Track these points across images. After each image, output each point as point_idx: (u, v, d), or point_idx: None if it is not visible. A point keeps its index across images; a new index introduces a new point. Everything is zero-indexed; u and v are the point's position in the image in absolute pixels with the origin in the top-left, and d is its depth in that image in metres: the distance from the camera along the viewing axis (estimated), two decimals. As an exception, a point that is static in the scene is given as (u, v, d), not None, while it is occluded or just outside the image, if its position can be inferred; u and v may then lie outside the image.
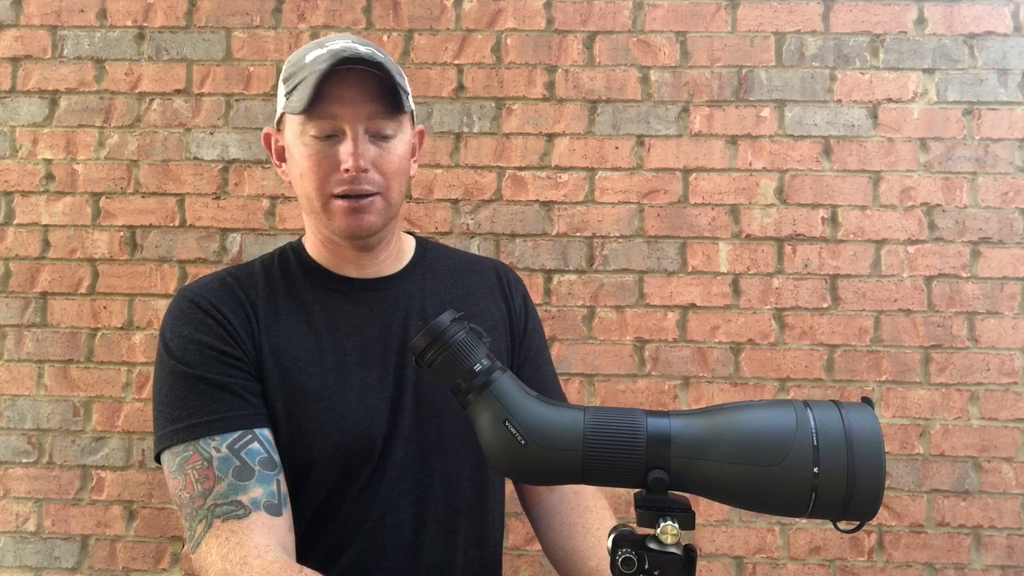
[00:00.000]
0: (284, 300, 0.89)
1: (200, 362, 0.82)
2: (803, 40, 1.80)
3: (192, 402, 0.81)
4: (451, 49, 1.82)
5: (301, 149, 0.85)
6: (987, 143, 1.76)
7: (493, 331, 0.96)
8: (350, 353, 0.88)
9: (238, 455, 0.79)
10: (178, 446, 0.80)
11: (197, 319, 0.85)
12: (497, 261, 1.07)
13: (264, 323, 0.87)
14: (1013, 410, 1.72)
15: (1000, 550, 1.71)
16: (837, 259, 1.77)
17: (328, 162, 0.84)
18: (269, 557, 0.75)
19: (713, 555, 1.74)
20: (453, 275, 0.99)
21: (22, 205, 1.82)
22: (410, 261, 0.97)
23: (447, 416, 0.90)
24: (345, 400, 0.86)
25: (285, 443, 0.84)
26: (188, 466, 0.79)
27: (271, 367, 0.85)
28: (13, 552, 1.78)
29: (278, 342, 0.86)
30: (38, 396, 1.80)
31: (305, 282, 0.91)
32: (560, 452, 0.63)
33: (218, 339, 0.84)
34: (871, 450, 0.58)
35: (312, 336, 0.88)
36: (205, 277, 0.91)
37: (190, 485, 0.79)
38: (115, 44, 1.84)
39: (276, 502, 0.79)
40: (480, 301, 0.98)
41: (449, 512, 0.90)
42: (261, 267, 0.93)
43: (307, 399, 0.85)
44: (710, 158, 1.79)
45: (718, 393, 1.76)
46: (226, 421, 0.80)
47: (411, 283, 0.95)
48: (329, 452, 0.84)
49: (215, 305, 0.86)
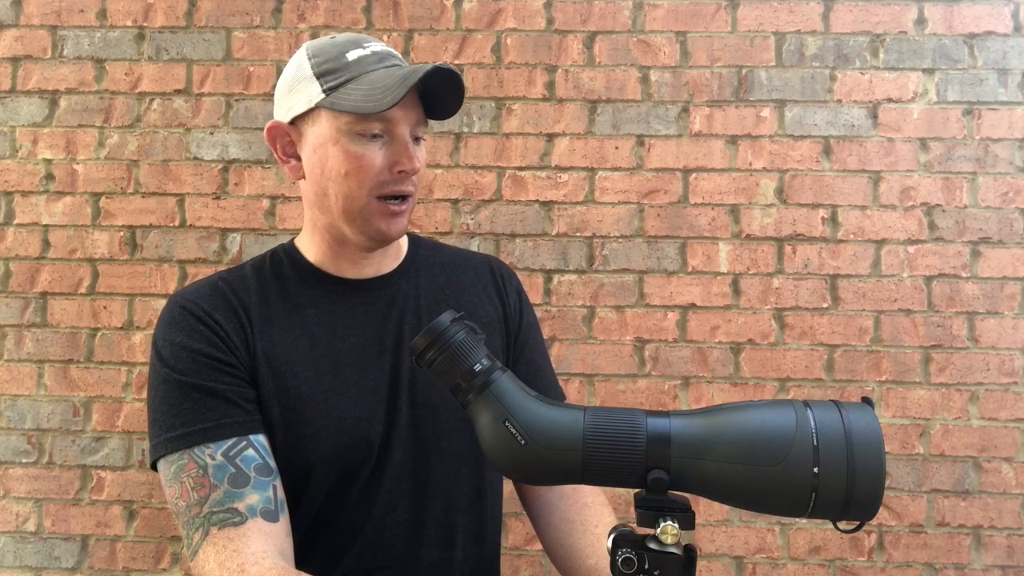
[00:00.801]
0: (277, 303, 0.88)
1: (193, 369, 0.82)
2: (803, 40, 1.80)
3: (186, 410, 0.80)
4: (451, 49, 1.82)
5: (348, 147, 0.82)
6: (987, 143, 1.76)
7: (488, 327, 0.96)
8: (345, 355, 0.87)
9: (233, 462, 0.79)
10: (173, 454, 0.80)
11: (189, 326, 0.84)
12: (490, 256, 1.06)
13: (258, 328, 0.86)
14: (1013, 410, 1.72)
15: (1000, 550, 1.71)
16: (837, 259, 1.77)
17: (378, 161, 0.83)
18: (266, 564, 0.75)
19: (713, 555, 1.74)
20: (447, 272, 0.99)
21: (22, 205, 1.82)
22: (404, 259, 0.97)
23: (444, 415, 0.90)
24: (341, 403, 0.85)
25: (282, 448, 0.83)
26: (183, 474, 0.79)
27: (265, 372, 0.84)
28: (13, 552, 1.78)
29: (272, 346, 0.85)
30: (38, 396, 1.80)
31: (298, 284, 0.90)
32: (560, 452, 0.63)
33: (211, 346, 0.83)
34: (871, 450, 0.58)
35: (306, 339, 0.87)
36: (197, 282, 0.90)
37: (186, 493, 0.78)
38: (115, 44, 1.84)
39: (273, 508, 0.79)
40: (474, 297, 0.98)
41: (447, 510, 0.90)
42: (252, 270, 0.92)
43: (303, 403, 0.84)
44: (710, 158, 1.79)
45: (718, 393, 1.76)
46: (220, 428, 0.80)
47: (405, 281, 0.95)
48: (327, 455, 0.83)
49: (207, 311, 0.85)
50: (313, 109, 0.83)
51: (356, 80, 0.81)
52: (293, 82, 0.85)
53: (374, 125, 0.82)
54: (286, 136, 0.88)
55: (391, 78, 0.81)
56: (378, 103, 0.79)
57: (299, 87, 0.84)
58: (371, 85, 0.81)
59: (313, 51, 0.85)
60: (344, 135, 0.82)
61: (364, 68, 0.82)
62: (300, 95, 0.84)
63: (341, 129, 0.82)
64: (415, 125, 0.86)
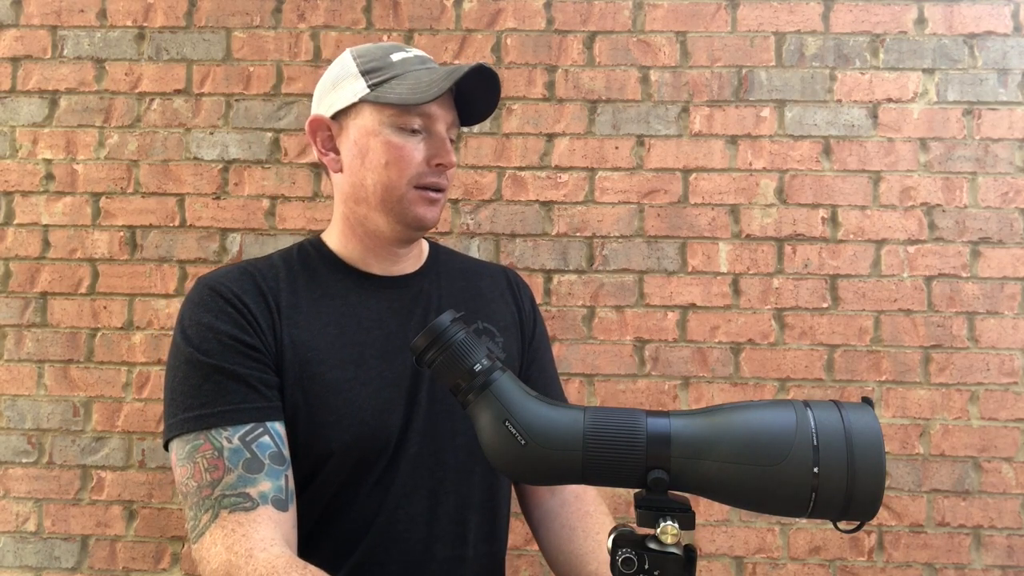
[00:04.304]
0: (305, 292, 0.90)
1: (218, 351, 0.82)
2: (803, 40, 1.80)
3: (207, 391, 0.81)
4: (451, 49, 1.82)
5: (390, 138, 0.87)
6: (987, 143, 1.76)
7: (505, 332, 0.98)
8: (370, 346, 0.89)
9: (249, 447, 0.79)
10: (189, 434, 0.80)
11: (217, 307, 0.84)
12: (505, 266, 1.10)
13: (285, 314, 0.87)
14: (1013, 410, 1.72)
15: (1000, 550, 1.71)
16: (837, 259, 1.77)
17: (418, 154, 0.88)
18: (275, 551, 0.75)
19: (713, 555, 1.74)
20: (465, 277, 1.02)
21: (22, 205, 1.82)
22: (426, 261, 1.00)
23: (461, 412, 0.91)
24: (364, 392, 0.86)
25: (304, 433, 0.84)
26: (198, 455, 0.79)
27: (291, 358, 0.85)
28: (13, 552, 1.78)
29: (299, 333, 0.86)
30: (38, 396, 1.80)
31: (327, 275, 0.92)
32: (560, 452, 0.63)
33: (238, 328, 0.84)
34: (871, 450, 0.58)
35: (333, 328, 0.88)
36: (226, 266, 0.91)
37: (198, 474, 0.79)
38: (115, 44, 1.84)
39: (283, 497, 0.80)
40: (492, 303, 1.00)
41: (460, 508, 0.91)
42: (281, 259, 0.93)
43: (326, 390, 0.85)
44: (710, 158, 1.79)
45: (718, 393, 1.76)
46: (239, 413, 0.81)
47: (428, 282, 0.97)
48: (347, 443, 0.84)
49: (236, 294, 0.86)
50: (357, 104, 0.88)
51: (400, 77, 0.87)
52: (337, 79, 0.90)
53: (414, 120, 0.87)
54: (327, 130, 0.92)
55: (434, 74, 0.87)
56: (424, 94, 0.84)
57: (343, 83, 0.89)
58: (416, 80, 0.86)
59: (358, 52, 0.91)
60: (386, 127, 0.87)
61: (407, 68, 0.88)
62: (344, 90, 0.89)
63: (384, 122, 0.87)
64: (451, 126, 0.91)
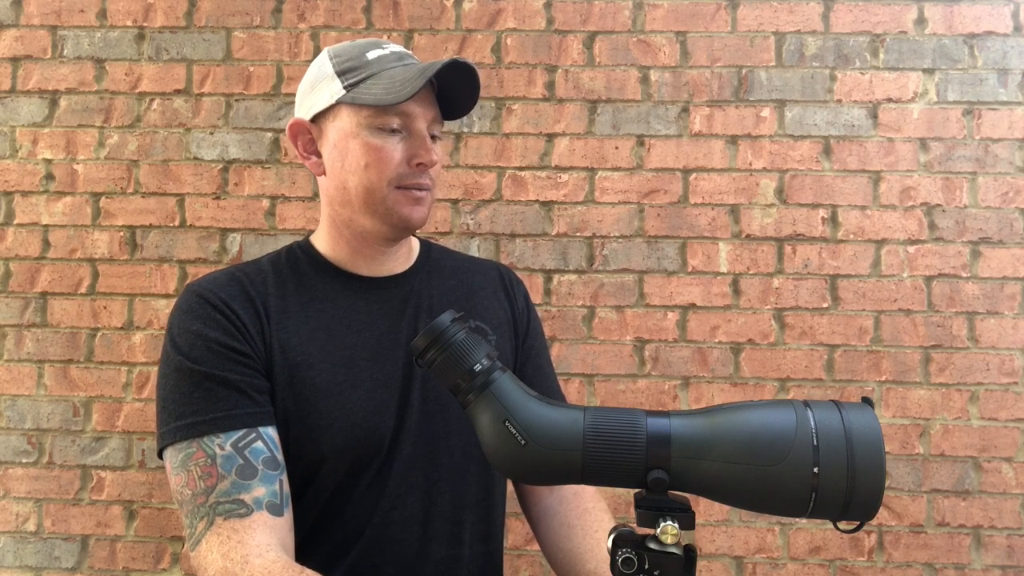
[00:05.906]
0: (294, 296, 0.90)
1: (207, 358, 0.82)
2: (803, 40, 1.80)
3: (197, 399, 0.81)
4: (451, 49, 1.82)
5: (368, 140, 0.85)
6: (987, 143, 1.76)
7: (498, 330, 0.98)
8: (360, 349, 0.88)
9: (242, 454, 0.79)
10: (182, 443, 0.80)
11: (206, 314, 0.84)
12: (498, 263, 1.09)
13: (274, 319, 0.87)
14: (1013, 410, 1.72)
15: (1000, 550, 1.71)
16: (837, 259, 1.77)
17: (397, 154, 0.86)
18: (271, 557, 0.75)
19: (713, 555, 1.74)
20: (457, 275, 1.01)
21: (22, 205, 1.82)
22: (417, 260, 0.99)
23: (454, 412, 0.90)
24: (355, 395, 0.86)
25: (295, 438, 0.84)
26: (191, 463, 0.79)
27: (281, 363, 0.85)
28: (13, 552, 1.78)
29: (288, 337, 0.86)
30: (38, 396, 1.80)
31: (315, 278, 0.92)
32: (560, 452, 0.63)
33: (227, 335, 0.83)
34: (871, 450, 0.58)
35: (322, 332, 0.88)
36: (213, 273, 0.90)
37: (192, 482, 0.78)
38: (115, 44, 1.84)
39: (278, 502, 0.79)
40: (484, 300, 0.99)
41: (456, 508, 0.90)
42: (270, 264, 0.93)
43: (317, 394, 0.85)
44: (710, 158, 1.79)
45: (718, 393, 1.76)
46: (231, 419, 0.80)
47: (419, 281, 0.96)
48: (339, 447, 0.84)
49: (224, 300, 0.85)
50: (334, 105, 0.87)
51: (376, 76, 0.85)
52: (315, 81, 0.89)
53: (393, 119, 0.85)
54: (307, 133, 0.91)
55: (409, 72, 0.85)
56: (398, 94, 0.82)
57: (321, 85, 0.88)
58: (390, 79, 0.84)
59: (334, 52, 0.89)
60: (364, 128, 0.85)
61: (383, 66, 0.86)
62: (322, 93, 0.88)
63: (361, 123, 0.85)
64: (432, 122, 0.89)
